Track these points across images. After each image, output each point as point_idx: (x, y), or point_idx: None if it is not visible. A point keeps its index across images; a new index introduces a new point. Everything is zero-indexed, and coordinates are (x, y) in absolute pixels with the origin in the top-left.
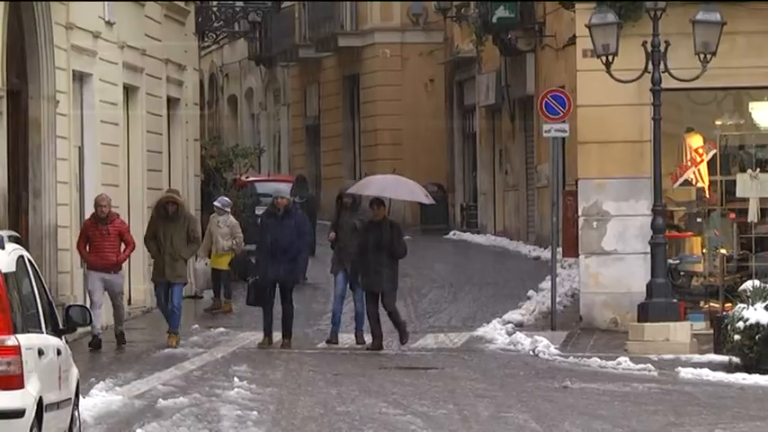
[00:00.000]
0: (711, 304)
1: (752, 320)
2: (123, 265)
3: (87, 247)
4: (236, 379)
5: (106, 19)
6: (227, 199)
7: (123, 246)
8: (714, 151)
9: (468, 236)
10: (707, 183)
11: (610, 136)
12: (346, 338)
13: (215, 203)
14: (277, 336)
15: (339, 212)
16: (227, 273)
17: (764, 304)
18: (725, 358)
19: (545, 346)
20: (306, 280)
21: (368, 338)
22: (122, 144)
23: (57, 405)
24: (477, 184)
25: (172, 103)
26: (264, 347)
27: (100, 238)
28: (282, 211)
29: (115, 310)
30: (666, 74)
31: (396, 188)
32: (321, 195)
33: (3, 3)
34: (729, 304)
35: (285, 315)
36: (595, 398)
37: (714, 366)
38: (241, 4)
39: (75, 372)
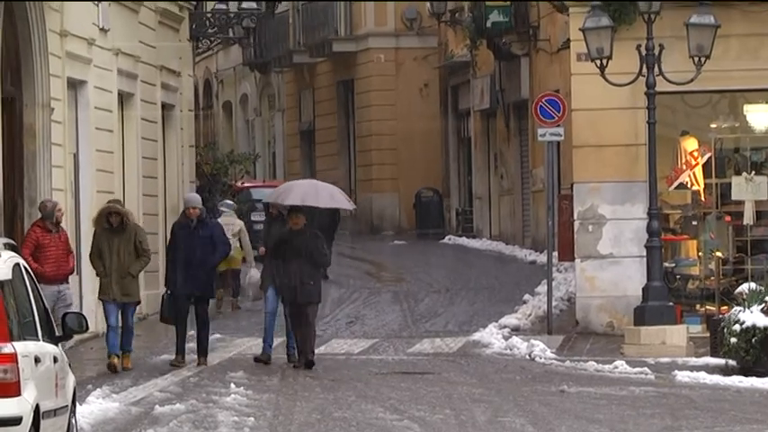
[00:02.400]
0: (707, 307)
1: (748, 323)
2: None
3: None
4: (232, 385)
5: (100, 26)
6: (230, 201)
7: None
8: (709, 154)
9: (463, 240)
10: (702, 186)
11: (605, 139)
12: (342, 343)
13: (220, 207)
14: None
15: (269, 224)
16: (235, 271)
17: (760, 307)
18: (721, 361)
19: (541, 350)
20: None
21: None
22: (117, 151)
23: (54, 412)
24: (473, 188)
25: (167, 109)
26: (177, 366)
27: (54, 246)
28: (195, 222)
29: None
30: (661, 77)
31: (316, 195)
32: None
33: None
34: (725, 307)
35: (200, 333)
36: (592, 402)
37: (711, 369)
38: (235, 10)
39: (71, 379)
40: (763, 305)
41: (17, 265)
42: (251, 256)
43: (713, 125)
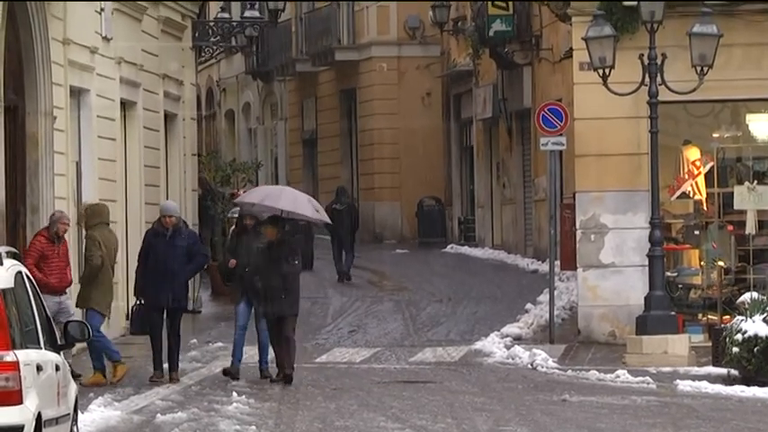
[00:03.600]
0: (710, 317)
1: (750, 333)
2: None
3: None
4: (234, 394)
5: (103, 34)
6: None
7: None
8: (711, 164)
9: (465, 249)
10: (704, 195)
11: (607, 149)
12: (344, 352)
13: (231, 214)
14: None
15: (238, 236)
16: None
17: (763, 316)
18: (723, 371)
19: (543, 359)
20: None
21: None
22: (120, 159)
23: (55, 420)
24: (475, 197)
25: (169, 117)
26: (156, 382)
27: (57, 258)
28: (171, 231)
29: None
30: (663, 86)
31: (278, 197)
32: None
33: None
34: (728, 317)
35: (171, 346)
36: (594, 411)
37: (712, 379)
38: (238, 18)
39: (73, 387)
40: (766, 315)
41: (19, 273)
42: None
43: (715, 134)
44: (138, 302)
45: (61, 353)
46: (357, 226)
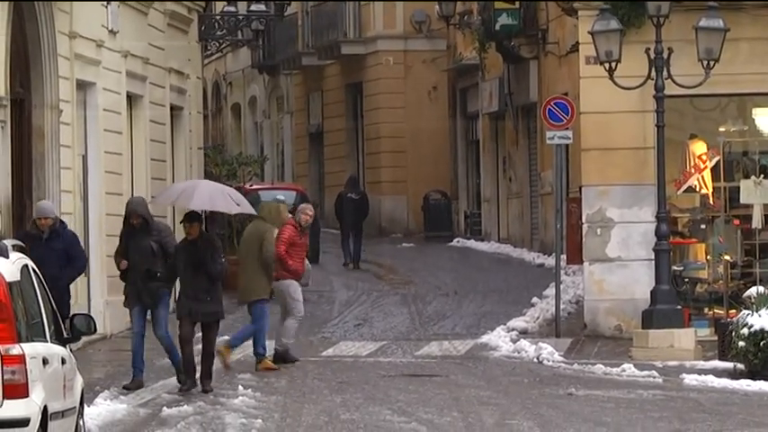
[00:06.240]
0: (716, 311)
1: (756, 327)
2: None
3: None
4: (240, 387)
5: (109, 28)
6: (281, 197)
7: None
8: (718, 158)
9: (471, 243)
10: (711, 189)
11: (613, 143)
12: (350, 346)
13: (272, 201)
14: None
15: (129, 235)
16: None
17: None
18: (729, 365)
19: (549, 353)
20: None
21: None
22: (126, 153)
23: (61, 414)
24: (481, 191)
25: (175, 111)
26: None
27: (299, 247)
28: (48, 233)
29: None
30: (669, 80)
31: (197, 199)
32: (324, 204)
33: (6, 12)
34: (734, 311)
35: None
36: (600, 405)
37: (719, 373)
38: (244, 12)
39: (79, 380)
40: None
41: (25, 266)
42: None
43: (722, 129)
44: None
45: (67, 346)
46: (366, 214)
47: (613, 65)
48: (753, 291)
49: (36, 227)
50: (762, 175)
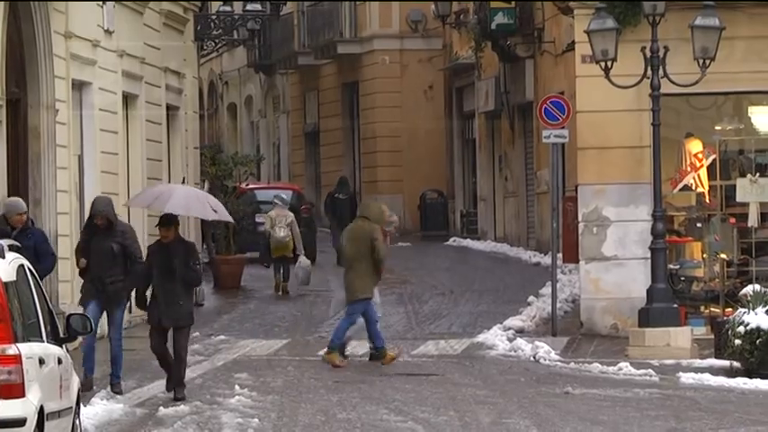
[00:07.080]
0: (712, 309)
1: (752, 325)
2: None
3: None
4: (236, 386)
5: (105, 27)
6: (284, 196)
7: None
8: (714, 156)
9: (468, 242)
10: (707, 188)
11: (609, 141)
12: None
13: (274, 199)
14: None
15: (90, 236)
16: (288, 258)
17: (765, 309)
18: (726, 363)
19: (546, 351)
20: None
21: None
22: (122, 152)
23: (58, 414)
24: (477, 190)
25: (171, 110)
26: None
27: None
28: (18, 231)
29: None
30: (665, 79)
31: (172, 204)
32: (320, 203)
33: (2, 12)
34: (730, 309)
35: None
36: (596, 403)
37: (715, 371)
38: (240, 12)
39: (76, 380)
40: None
41: (21, 266)
42: (300, 243)
43: (718, 127)
44: None
45: (63, 346)
46: (354, 214)
47: (609, 64)
48: (749, 289)
49: (6, 223)
50: (758, 174)
